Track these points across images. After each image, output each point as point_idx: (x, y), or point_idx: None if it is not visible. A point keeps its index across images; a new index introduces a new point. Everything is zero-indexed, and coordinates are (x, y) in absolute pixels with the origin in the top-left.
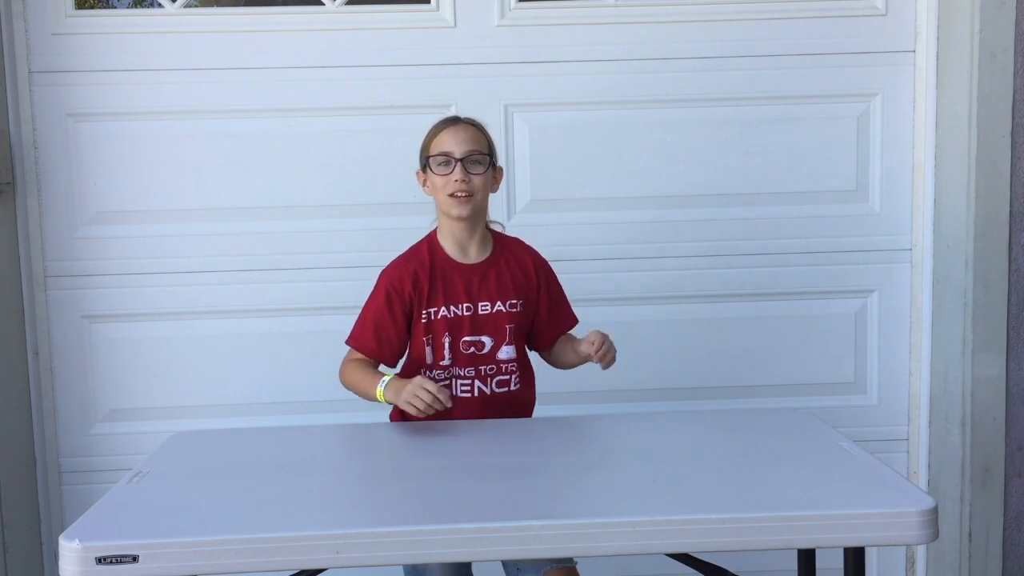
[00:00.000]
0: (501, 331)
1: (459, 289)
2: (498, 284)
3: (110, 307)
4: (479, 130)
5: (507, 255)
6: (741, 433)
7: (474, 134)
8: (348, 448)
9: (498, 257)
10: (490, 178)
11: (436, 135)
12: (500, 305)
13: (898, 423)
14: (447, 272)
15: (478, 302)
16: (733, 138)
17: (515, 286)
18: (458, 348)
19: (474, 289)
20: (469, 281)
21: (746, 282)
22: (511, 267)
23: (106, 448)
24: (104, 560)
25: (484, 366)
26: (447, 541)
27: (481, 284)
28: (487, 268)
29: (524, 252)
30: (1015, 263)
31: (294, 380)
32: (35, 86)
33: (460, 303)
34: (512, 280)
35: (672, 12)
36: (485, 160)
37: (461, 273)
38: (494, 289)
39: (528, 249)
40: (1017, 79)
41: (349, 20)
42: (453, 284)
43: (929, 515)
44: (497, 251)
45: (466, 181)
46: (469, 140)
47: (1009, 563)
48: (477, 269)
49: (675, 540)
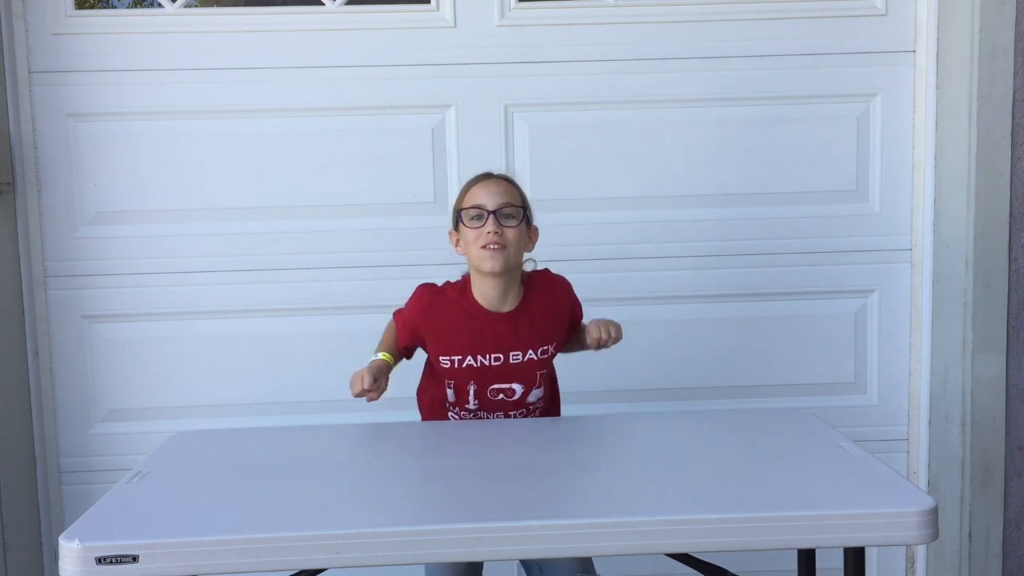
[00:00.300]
0: (531, 377)
1: (489, 339)
2: (531, 331)
3: (110, 307)
4: (512, 185)
5: (540, 297)
6: (741, 433)
7: (507, 188)
8: (348, 448)
9: (531, 303)
10: (524, 234)
11: (468, 190)
12: (532, 353)
13: (898, 423)
14: (478, 321)
15: (510, 352)
16: (733, 138)
17: (547, 331)
18: (485, 395)
19: (505, 339)
20: (500, 332)
21: (746, 282)
22: (543, 310)
23: (106, 448)
24: (104, 560)
25: (514, 411)
26: (447, 541)
27: (513, 333)
28: (519, 316)
29: (556, 287)
30: (1015, 263)
31: (294, 380)
32: (35, 86)
33: (488, 353)
34: (543, 325)
35: (672, 12)
36: (519, 213)
37: (492, 322)
38: (527, 337)
39: (557, 282)
40: (1017, 79)
41: (349, 20)
42: (484, 334)
43: (929, 515)
44: (528, 295)
45: (499, 233)
46: (502, 194)
47: (1009, 563)
48: (509, 318)
49: (675, 540)
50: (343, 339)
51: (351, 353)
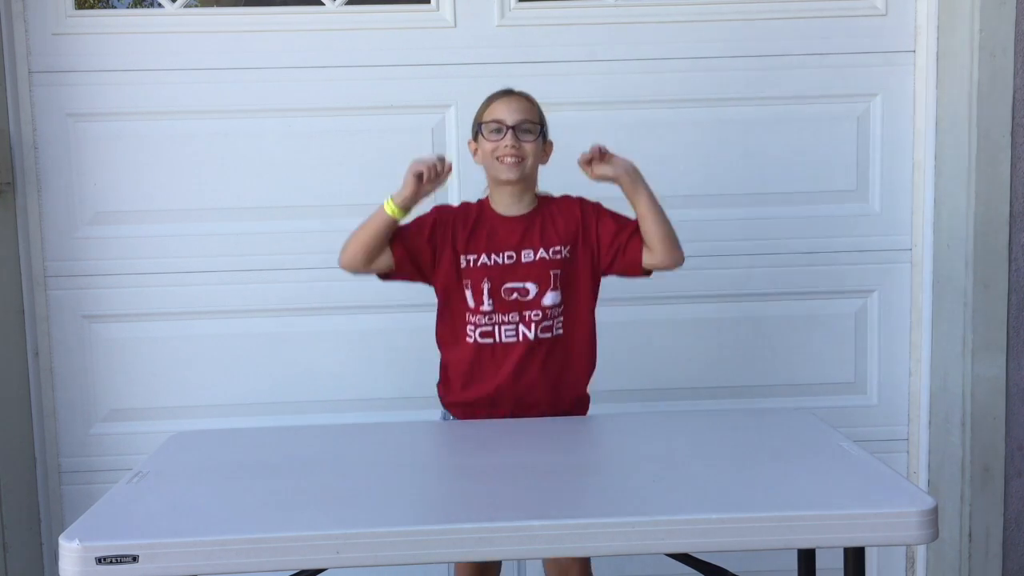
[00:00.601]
0: (545, 277)
1: (503, 239)
2: (542, 232)
3: (110, 307)
4: (531, 102)
5: (555, 206)
6: (741, 433)
7: (527, 105)
8: (348, 448)
9: (543, 208)
10: (540, 147)
11: (489, 105)
12: (543, 252)
13: (898, 423)
14: (493, 223)
15: (521, 250)
16: (733, 138)
17: (560, 234)
18: (499, 294)
19: (517, 238)
20: (513, 230)
21: (746, 282)
22: (556, 216)
23: (106, 448)
24: (104, 560)
25: (529, 311)
26: (447, 541)
27: (526, 233)
28: (533, 217)
29: (573, 201)
30: (1015, 263)
31: (294, 380)
32: (35, 86)
33: (502, 251)
34: (556, 228)
35: (672, 12)
36: (536, 129)
37: (506, 223)
38: (538, 237)
39: (579, 199)
40: (1017, 79)
41: (349, 20)
42: (497, 233)
43: (929, 515)
44: (544, 204)
45: (516, 147)
46: (522, 110)
47: (1009, 563)
48: (523, 219)
49: (675, 540)
50: (343, 339)
51: (351, 353)
